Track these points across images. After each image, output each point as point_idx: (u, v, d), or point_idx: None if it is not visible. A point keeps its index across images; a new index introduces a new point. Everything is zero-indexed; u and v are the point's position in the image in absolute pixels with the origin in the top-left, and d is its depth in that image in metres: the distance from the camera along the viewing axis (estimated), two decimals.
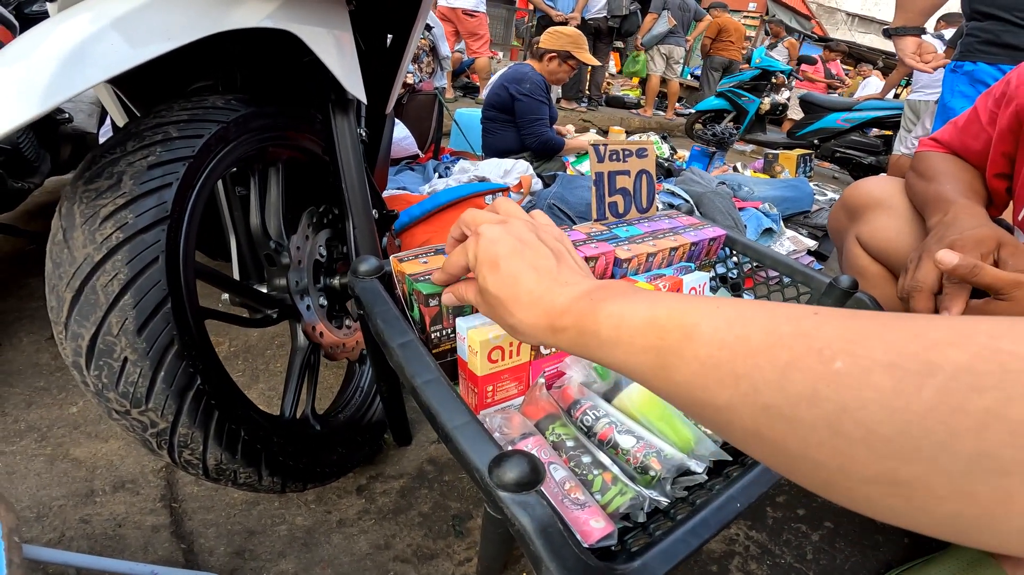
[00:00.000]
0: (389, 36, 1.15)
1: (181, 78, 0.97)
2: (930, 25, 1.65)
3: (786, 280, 1.09)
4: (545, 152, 2.66)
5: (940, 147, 1.01)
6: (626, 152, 1.05)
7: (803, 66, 6.85)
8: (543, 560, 0.42)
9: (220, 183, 0.94)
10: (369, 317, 0.66)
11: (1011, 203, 0.92)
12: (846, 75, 7.68)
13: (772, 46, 6.87)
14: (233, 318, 0.87)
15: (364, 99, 0.90)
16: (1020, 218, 0.86)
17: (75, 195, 0.63)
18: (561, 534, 0.43)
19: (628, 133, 4.92)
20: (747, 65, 5.81)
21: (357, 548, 0.95)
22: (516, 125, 2.69)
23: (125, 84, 1.01)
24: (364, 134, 0.99)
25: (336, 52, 0.85)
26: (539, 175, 2.34)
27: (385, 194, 1.90)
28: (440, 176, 2.39)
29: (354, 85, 0.88)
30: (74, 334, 0.58)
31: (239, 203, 0.92)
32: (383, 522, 1.00)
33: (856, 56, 8.64)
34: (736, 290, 1.13)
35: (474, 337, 0.65)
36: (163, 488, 1.02)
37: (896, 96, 5.53)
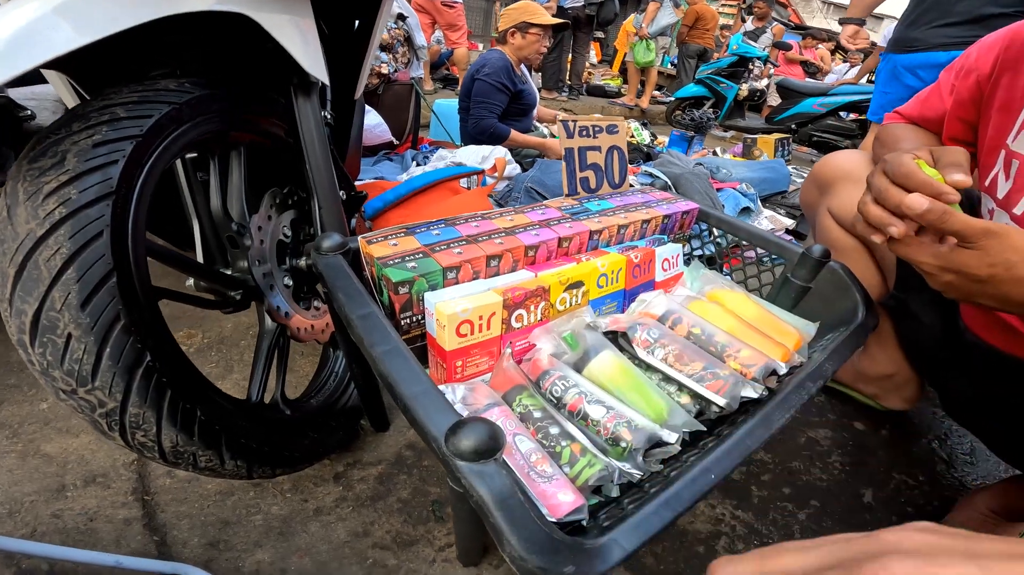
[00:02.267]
0: (356, 22, 1.14)
1: (140, 66, 0.95)
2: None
3: (763, 258, 1.09)
4: (482, 138, 2.54)
5: (902, 119, 1.04)
6: (596, 128, 1.04)
7: (780, 52, 6.85)
8: (503, 532, 0.41)
9: (181, 169, 0.92)
10: (331, 292, 0.65)
11: (976, 170, 0.94)
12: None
13: (760, 32, 6.73)
14: (192, 299, 0.85)
15: (327, 81, 0.89)
16: (987, 184, 0.87)
17: (19, 174, 0.61)
18: (522, 505, 0.42)
19: None
20: (724, 52, 5.83)
21: (335, 536, 0.94)
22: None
23: (81, 72, 0.98)
24: (330, 117, 0.97)
25: (295, 35, 0.84)
26: (518, 161, 2.33)
27: (361, 182, 1.87)
28: (419, 165, 2.37)
29: (316, 67, 0.87)
30: (18, 310, 0.56)
31: (202, 188, 0.90)
32: (361, 509, 0.99)
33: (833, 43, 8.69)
34: (711, 265, 1.13)
35: (442, 310, 0.64)
36: (135, 481, 1.00)
37: (870, 81, 5.57)
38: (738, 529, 1.02)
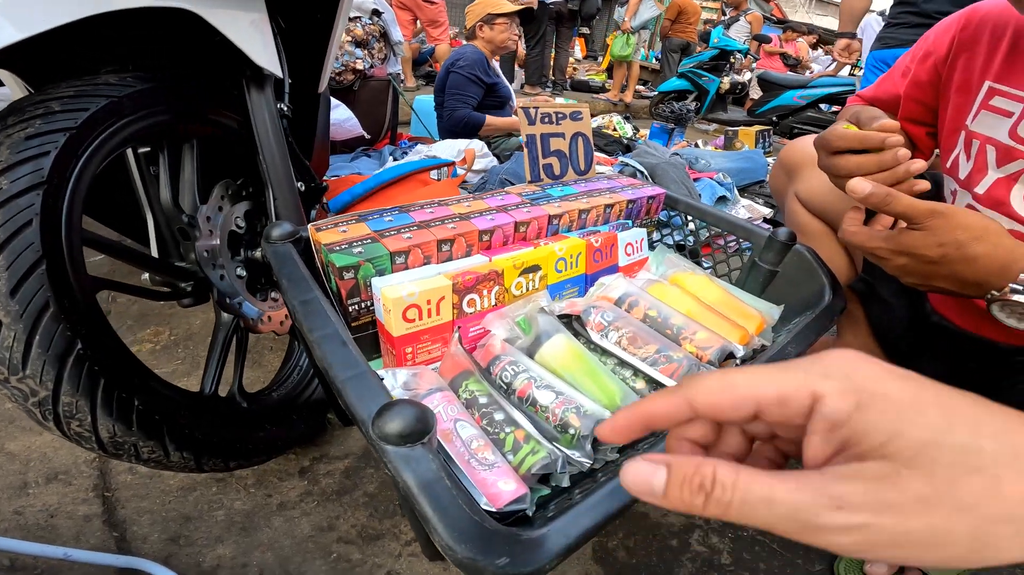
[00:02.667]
0: (317, 17, 1.12)
1: (90, 61, 0.94)
2: None
3: (729, 242, 1.08)
4: (457, 130, 2.53)
5: (862, 101, 1.05)
6: (559, 115, 1.03)
7: (762, 45, 6.86)
8: (430, 520, 0.39)
9: (134, 163, 0.91)
10: (278, 279, 0.64)
11: (938, 152, 0.94)
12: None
13: (733, 21, 6.66)
14: (139, 290, 0.84)
15: (280, 74, 0.89)
16: (948, 165, 0.88)
17: None
18: (449, 491, 0.40)
19: (592, 115, 4.90)
20: (705, 45, 5.83)
21: (299, 531, 0.93)
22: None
23: (30, 70, 0.97)
24: (287, 109, 0.96)
25: (245, 29, 0.83)
26: (495, 153, 2.32)
27: (337, 177, 1.85)
28: (396, 160, 2.35)
29: (267, 60, 0.87)
30: None
31: (154, 181, 0.90)
32: (326, 504, 0.98)
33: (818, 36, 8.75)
34: (694, 256, 1.12)
35: (387, 295, 0.63)
36: (96, 478, 1.00)
37: (851, 73, 5.61)
38: (712, 522, 1.02)
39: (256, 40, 0.84)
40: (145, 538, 0.90)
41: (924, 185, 0.66)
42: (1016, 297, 0.62)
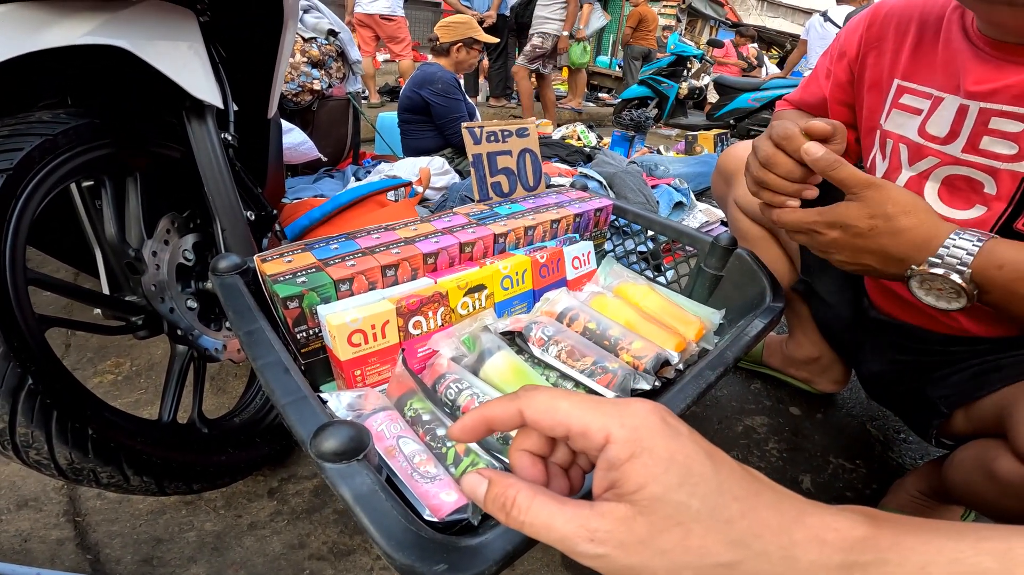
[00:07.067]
0: (261, 45, 1.14)
1: (26, 99, 0.94)
2: None
3: (686, 249, 1.12)
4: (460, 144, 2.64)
5: (790, 105, 1.08)
6: (505, 133, 1.07)
7: (714, 50, 7.00)
8: (369, 531, 0.41)
9: (79, 197, 0.92)
10: (226, 311, 0.66)
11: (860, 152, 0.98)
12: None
13: None
14: (88, 325, 0.86)
15: (219, 104, 0.90)
16: (868, 165, 0.92)
17: None
18: (385, 503, 0.42)
19: (557, 125, 4.97)
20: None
21: (270, 549, 0.94)
22: (436, 126, 2.68)
23: None
24: (232, 138, 0.98)
25: (179, 60, 0.84)
26: (457, 170, 2.35)
27: (298, 199, 1.86)
28: (358, 180, 2.37)
29: (205, 91, 0.87)
30: None
31: (100, 215, 0.90)
32: (297, 522, 0.99)
33: (767, 40, 9.01)
34: (655, 258, 1.16)
35: (332, 322, 0.65)
36: (66, 504, 1.00)
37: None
38: None
39: (192, 71, 0.85)
40: (119, 560, 0.91)
41: (813, 192, 0.70)
42: (934, 270, 0.63)
